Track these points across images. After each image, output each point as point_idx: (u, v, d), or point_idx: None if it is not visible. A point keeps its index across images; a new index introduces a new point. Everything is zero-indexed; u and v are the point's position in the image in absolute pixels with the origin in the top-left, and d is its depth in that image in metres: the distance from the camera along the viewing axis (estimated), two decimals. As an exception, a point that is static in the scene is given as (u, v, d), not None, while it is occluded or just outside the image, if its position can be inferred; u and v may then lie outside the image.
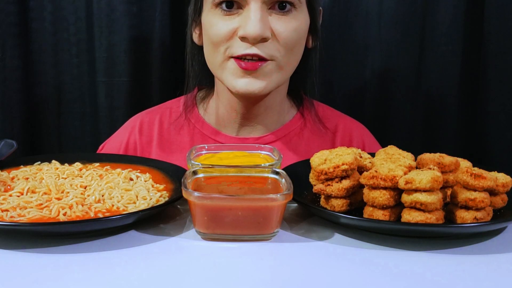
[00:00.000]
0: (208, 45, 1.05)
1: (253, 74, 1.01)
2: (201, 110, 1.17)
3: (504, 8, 1.30)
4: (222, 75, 1.04)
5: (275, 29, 1.00)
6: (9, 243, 0.75)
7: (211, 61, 1.06)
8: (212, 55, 1.04)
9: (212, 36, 1.02)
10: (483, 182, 0.76)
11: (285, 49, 1.02)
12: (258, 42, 0.99)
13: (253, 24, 0.97)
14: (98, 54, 1.37)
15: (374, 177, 0.77)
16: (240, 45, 1.00)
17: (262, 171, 0.85)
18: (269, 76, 1.02)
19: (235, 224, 0.76)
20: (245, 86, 1.01)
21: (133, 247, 0.76)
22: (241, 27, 0.99)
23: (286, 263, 0.74)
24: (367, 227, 0.80)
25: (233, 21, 1.01)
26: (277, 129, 1.14)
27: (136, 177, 0.92)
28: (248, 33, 0.98)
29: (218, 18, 1.02)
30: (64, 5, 1.36)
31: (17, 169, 0.95)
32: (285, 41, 1.01)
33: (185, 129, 1.15)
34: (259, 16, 0.98)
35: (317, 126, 1.15)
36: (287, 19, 1.01)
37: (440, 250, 0.76)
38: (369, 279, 0.68)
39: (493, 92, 1.33)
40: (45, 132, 1.42)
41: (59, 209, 0.79)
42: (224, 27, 1.01)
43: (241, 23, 0.99)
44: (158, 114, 1.18)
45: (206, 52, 1.07)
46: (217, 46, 1.02)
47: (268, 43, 1.00)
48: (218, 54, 1.03)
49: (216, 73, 1.07)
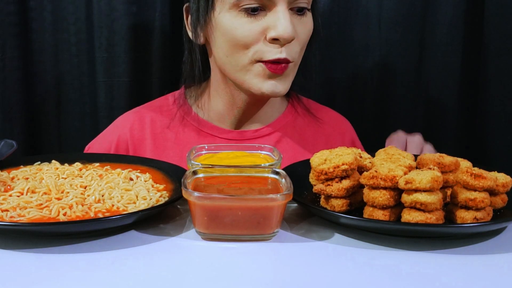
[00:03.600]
0: (230, 47, 1.03)
1: (277, 77, 1.03)
2: (194, 107, 1.17)
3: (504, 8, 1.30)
4: (245, 77, 1.04)
5: (297, 30, 1.03)
6: (9, 243, 0.75)
7: (230, 62, 1.05)
8: (234, 56, 1.03)
9: (239, 38, 1.01)
10: (483, 182, 0.76)
11: (301, 49, 1.05)
12: (288, 42, 1.01)
13: (285, 25, 0.99)
14: (98, 54, 1.37)
15: (374, 177, 0.77)
16: (270, 49, 1.01)
17: (262, 171, 0.85)
18: (288, 78, 1.05)
19: (235, 224, 0.76)
20: (272, 88, 1.03)
21: (133, 247, 0.76)
22: (271, 29, 1.00)
23: (286, 263, 0.74)
24: (367, 227, 0.80)
25: (259, 23, 1.01)
26: (273, 121, 1.16)
27: (136, 177, 0.92)
28: (282, 35, 0.99)
29: (242, 20, 1.01)
30: (64, 5, 1.36)
31: (17, 169, 0.95)
32: (303, 42, 1.05)
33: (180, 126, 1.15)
34: (289, 18, 1.00)
35: (308, 117, 1.19)
36: (304, 22, 1.04)
37: (440, 250, 0.76)
38: (369, 279, 0.68)
39: (493, 92, 1.34)
40: (45, 132, 1.42)
41: (59, 209, 0.79)
42: (251, 30, 1.01)
43: (270, 24, 1.00)
44: (149, 112, 1.18)
45: (223, 53, 1.05)
46: (244, 49, 1.02)
47: (292, 44, 1.02)
48: (244, 56, 1.02)
49: (234, 74, 1.06)
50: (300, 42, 1.04)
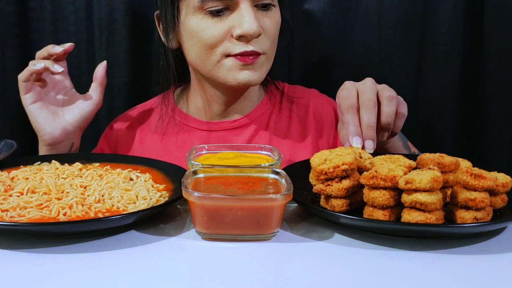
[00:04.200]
0: (199, 48, 1.07)
1: (250, 66, 1.07)
2: (179, 104, 1.23)
3: (504, 8, 1.30)
4: (219, 73, 1.08)
5: (263, 26, 1.07)
6: (9, 243, 0.75)
7: (202, 62, 1.09)
8: (204, 56, 1.08)
9: (206, 39, 1.06)
10: (483, 182, 0.76)
11: (271, 42, 1.09)
12: (254, 38, 1.05)
13: (249, 22, 1.03)
14: (98, 54, 1.37)
15: (374, 177, 0.77)
16: (237, 44, 1.05)
17: (262, 171, 0.85)
18: (262, 68, 1.09)
19: (235, 224, 0.76)
20: (247, 77, 1.07)
21: (133, 247, 0.76)
22: (237, 27, 1.04)
23: (286, 263, 0.74)
24: (367, 227, 0.80)
25: (224, 23, 1.05)
26: (250, 112, 1.20)
27: (136, 177, 0.92)
28: (247, 31, 1.03)
29: (208, 22, 1.05)
30: (64, 5, 1.36)
31: (17, 169, 0.95)
32: (271, 35, 1.09)
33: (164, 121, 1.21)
34: (253, 15, 1.04)
35: (286, 104, 1.22)
36: (270, 16, 1.09)
37: (440, 250, 0.76)
38: (369, 279, 0.68)
39: (493, 92, 1.33)
40: (45, 132, 1.42)
41: (59, 209, 0.79)
42: (218, 30, 1.05)
43: (235, 23, 1.04)
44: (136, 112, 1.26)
45: (194, 55, 1.09)
46: (212, 48, 1.06)
47: (260, 39, 1.06)
48: (214, 55, 1.07)
49: (208, 72, 1.10)
50: (268, 36, 1.08)
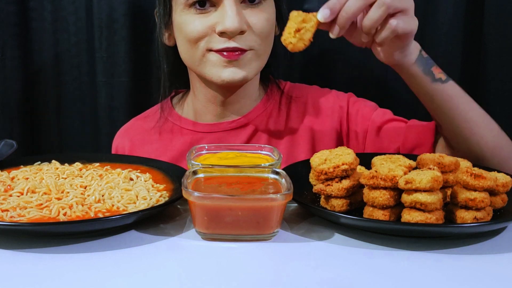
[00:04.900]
0: (185, 43, 1.07)
1: (235, 63, 1.05)
2: (177, 108, 1.23)
3: (504, 8, 1.30)
4: (205, 69, 1.07)
5: (250, 21, 1.05)
6: (9, 243, 0.75)
7: (189, 57, 1.09)
8: (190, 51, 1.07)
9: (189, 33, 1.05)
10: (483, 182, 0.76)
11: (260, 38, 1.07)
12: (236, 35, 1.03)
13: (231, 19, 1.01)
14: (98, 54, 1.37)
15: (374, 177, 0.77)
16: (219, 40, 1.04)
17: (262, 171, 0.85)
18: (250, 65, 1.07)
19: (235, 224, 0.76)
20: (231, 75, 1.06)
21: (133, 247, 0.76)
22: (219, 23, 1.03)
23: (286, 263, 0.74)
24: (367, 227, 0.80)
25: (208, 19, 1.04)
26: (248, 112, 1.18)
27: (136, 177, 0.92)
28: (227, 28, 1.02)
29: (193, 17, 1.05)
30: (64, 5, 1.36)
31: (17, 169, 0.95)
32: (260, 31, 1.06)
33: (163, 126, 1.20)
34: (235, 11, 1.02)
35: (285, 104, 1.20)
36: (259, 11, 1.06)
37: (440, 250, 0.75)
38: (369, 279, 0.68)
39: (493, 92, 1.33)
40: (45, 132, 1.42)
41: (59, 209, 0.79)
42: (201, 25, 1.04)
43: (218, 19, 1.03)
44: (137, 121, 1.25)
45: (183, 50, 1.09)
46: (195, 43, 1.05)
47: (245, 35, 1.04)
48: (197, 49, 1.06)
49: (196, 69, 1.09)
50: (257, 32, 1.06)
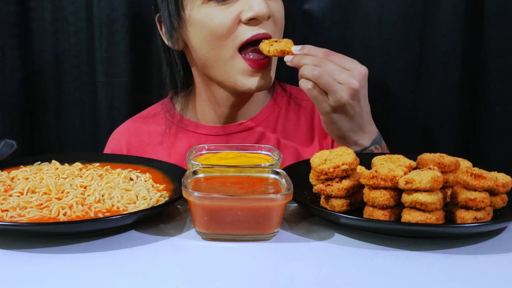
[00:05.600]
0: (210, 40, 1.04)
1: (262, 71, 1.04)
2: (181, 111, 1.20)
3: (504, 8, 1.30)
4: (229, 73, 1.05)
5: (271, 8, 1.03)
6: (9, 243, 0.75)
7: (212, 57, 1.05)
8: (215, 50, 1.04)
9: (216, 28, 1.02)
10: (483, 182, 0.76)
11: (279, 29, 1.06)
12: (264, 20, 1.01)
13: (259, 3, 1.00)
14: (98, 54, 1.36)
15: (374, 177, 0.77)
16: (247, 30, 1.02)
17: (262, 171, 0.85)
18: (272, 70, 1.06)
19: (235, 224, 0.76)
20: (259, 83, 1.05)
21: (133, 247, 0.76)
22: (245, 10, 1.01)
23: (286, 263, 0.74)
24: (367, 227, 0.80)
25: (231, 9, 1.02)
26: (256, 114, 1.17)
27: (136, 177, 0.92)
28: (257, 12, 1.00)
29: (215, 10, 1.02)
30: (64, 5, 1.36)
31: (17, 169, 0.95)
32: (279, 20, 1.06)
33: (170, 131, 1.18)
34: None
35: (293, 107, 1.20)
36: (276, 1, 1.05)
37: (440, 250, 0.75)
38: (369, 279, 0.68)
39: (493, 92, 1.33)
40: (45, 132, 1.42)
41: (59, 209, 0.79)
42: (226, 17, 1.02)
43: (242, 7, 1.01)
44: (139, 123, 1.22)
45: (204, 49, 1.06)
46: (223, 39, 1.02)
47: (268, 23, 1.03)
48: (225, 48, 1.03)
49: (218, 71, 1.07)
50: (277, 20, 1.05)
